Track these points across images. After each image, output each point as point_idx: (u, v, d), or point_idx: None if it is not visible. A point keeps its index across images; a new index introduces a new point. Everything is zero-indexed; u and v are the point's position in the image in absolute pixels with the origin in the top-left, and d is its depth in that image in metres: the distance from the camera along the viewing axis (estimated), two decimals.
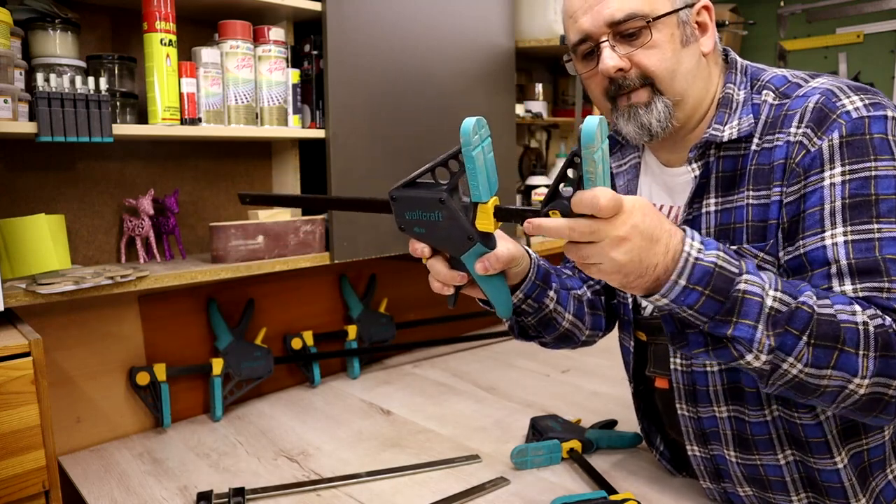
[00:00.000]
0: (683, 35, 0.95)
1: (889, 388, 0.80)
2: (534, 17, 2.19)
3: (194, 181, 1.61)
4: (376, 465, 1.31)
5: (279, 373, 1.75)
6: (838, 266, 0.85)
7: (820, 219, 0.87)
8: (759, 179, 0.93)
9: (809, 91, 0.92)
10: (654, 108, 0.95)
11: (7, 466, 1.00)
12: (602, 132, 0.70)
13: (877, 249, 0.84)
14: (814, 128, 0.88)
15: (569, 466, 1.28)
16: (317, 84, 1.60)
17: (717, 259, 0.77)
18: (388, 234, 1.73)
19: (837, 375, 0.79)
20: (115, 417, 1.49)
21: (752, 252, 0.93)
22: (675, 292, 0.77)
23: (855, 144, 0.86)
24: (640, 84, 0.95)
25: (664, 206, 1.07)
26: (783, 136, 0.91)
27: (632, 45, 0.94)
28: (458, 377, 1.84)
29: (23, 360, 1.01)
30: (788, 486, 0.99)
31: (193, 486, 1.24)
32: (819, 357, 0.78)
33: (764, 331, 0.77)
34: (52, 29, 1.27)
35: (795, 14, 3.23)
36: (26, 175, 1.36)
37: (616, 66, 0.94)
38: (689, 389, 1.03)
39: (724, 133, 0.95)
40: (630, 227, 0.72)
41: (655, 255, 0.75)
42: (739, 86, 0.99)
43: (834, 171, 0.87)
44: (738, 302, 0.77)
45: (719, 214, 0.97)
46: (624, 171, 1.16)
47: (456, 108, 1.87)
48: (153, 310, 1.54)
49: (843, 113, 0.87)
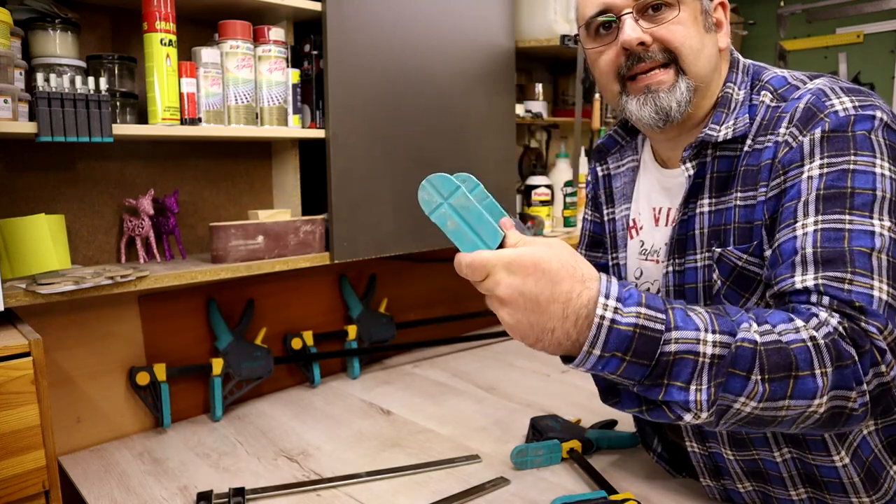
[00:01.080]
0: (706, 22, 0.95)
1: (847, 399, 0.75)
2: (534, 17, 2.19)
3: (194, 181, 1.61)
4: (376, 465, 1.31)
5: (279, 373, 1.75)
6: (803, 254, 0.82)
7: (794, 210, 0.86)
8: (747, 181, 0.93)
9: (803, 92, 0.91)
10: (676, 88, 0.93)
11: (7, 466, 1.00)
12: (436, 186, 0.72)
13: (845, 241, 0.81)
14: (799, 126, 0.88)
15: (569, 466, 1.28)
16: (317, 84, 1.60)
17: (637, 319, 0.69)
18: (388, 234, 1.73)
19: (796, 404, 0.73)
20: (115, 417, 1.49)
21: (736, 254, 0.92)
22: (590, 362, 0.70)
23: (835, 139, 0.85)
24: (662, 59, 0.92)
25: (662, 208, 1.07)
26: (773, 138, 0.91)
27: (654, 20, 0.91)
28: (458, 377, 1.84)
29: (23, 360, 1.01)
30: (786, 481, 0.99)
31: (193, 486, 1.24)
32: (775, 389, 0.72)
33: (701, 386, 0.71)
34: (52, 29, 1.27)
35: (795, 14, 3.23)
36: (26, 175, 1.36)
37: (639, 37, 0.91)
38: None
39: (720, 133, 0.95)
40: (507, 288, 0.68)
41: (549, 319, 0.68)
42: (740, 85, 0.98)
43: (812, 164, 0.86)
44: (667, 365, 0.70)
45: (712, 215, 0.97)
46: (622, 173, 1.16)
47: (456, 108, 1.87)
48: (153, 310, 1.54)
49: (831, 112, 0.87)
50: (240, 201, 1.68)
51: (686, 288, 1.01)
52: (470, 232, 0.73)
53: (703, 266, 0.98)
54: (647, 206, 1.10)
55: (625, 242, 1.13)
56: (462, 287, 2.20)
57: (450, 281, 2.18)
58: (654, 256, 1.08)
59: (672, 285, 1.02)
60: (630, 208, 1.13)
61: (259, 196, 1.72)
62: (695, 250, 0.99)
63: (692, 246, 0.99)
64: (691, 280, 1.00)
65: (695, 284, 1.00)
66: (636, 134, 1.16)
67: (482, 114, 1.95)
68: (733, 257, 0.93)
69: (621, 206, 1.14)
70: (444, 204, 0.73)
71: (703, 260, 0.98)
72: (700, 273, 0.99)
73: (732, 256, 0.93)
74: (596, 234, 1.26)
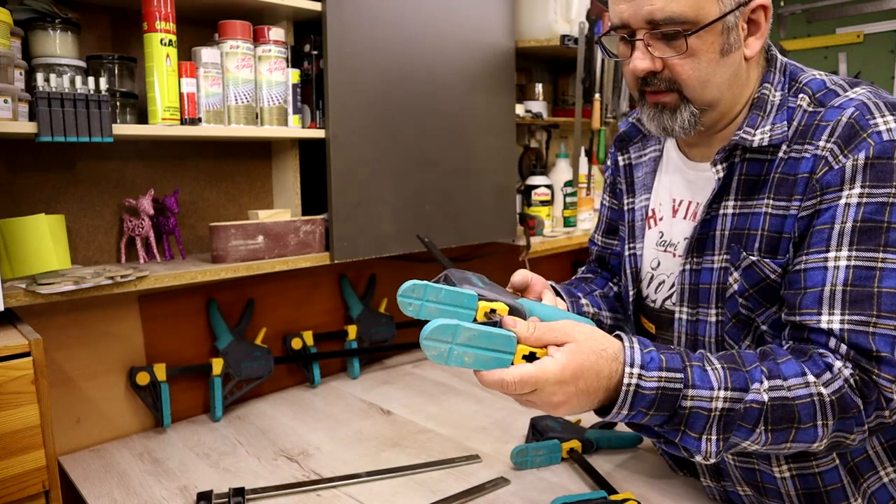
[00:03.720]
0: (726, 43, 0.90)
1: (847, 437, 0.84)
2: (534, 17, 2.18)
3: (194, 181, 1.61)
4: (376, 465, 1.31)
5: (279, 373, 1.75)
6: (832, 290, 0.84)
7: (827, 237, 0.86)
8: (782, 190, 0.91)
9: (845, 102, 0.89)
10: (679, 115, 0.93)
11: (7, 466, 1.00)
12: (438, 336, 0.74)
13: (875, 280, 0.83)
14: (841, 145, 0.86)
15: (569, 466, 1.28)
16: (317, 84, 1.60)
17: (659, 382, 0.78)
18: (388, 234, 1.73)
19: (797, 446, 0.83)
20: (115, 417, 1.49)
21: (771, 267, 0.91)
22: (619, 417, 0.80)
23: (879, 167, 0.84)
24: (666, 89, 0.93)
25: (683, 200, 1.06)
26: (811, 149, 0.88)
27: (668, 46, 0.90)
28: (458, 377, 1.84)
29: (23, 360, 1.01)
30: (784, 497, 1.00)
31: (193, 486, 1.24)
32: (777, 437, 0.82)
33: (711, 437, 0.81)
34: (52, 29, 1.27)
35: (795, 14, 3.23)
36: (26, 175, 1.36)
37: (646, 68, 0.91)
38: None
39: (756, 138, 0.93)
40: (563, 395, 0.75)
41: (593, 400, 0.78)
42: (777, 86, 0.96)
43: (852, 192, 0.84)
44: (684, 417, 0.80)
45: (736, 218, 0.96)
46: (643, 163, 1.14)
47: (456, 108, 1.87)
48: (153, 310, 1.54)
49: (875, 133, 0.85)
50: (240, 201, 1.68)
51: (700, 288, 1.00)
52: (487, 353, 0.76)
53: (719, 268, 0.97)
54: (668, 197, 1.08)
55: (643, 233, 1.12)
56: None
57: None
58: (672, 249, 1.07)
59: (688, 284, 1.01)
60: (650, 198, 1.12)
61: (259, 196, 1.72)
62: (713, 251, 0.98)
63: (711, 246, 0.99)
64: (706, 280, 0.99)
65: (709, 285, 0.99)
66: None
67: (482, 114, 1.95)
68: (767, 269, 0.92)
69: (641, 196, 1.13)
70: (453, 347, 0.75)
71: (720, 262, 0.97)
72: (716, 274, 0.98)
73: (767, 269, 0.92)
74: (612, 221, 1.26)
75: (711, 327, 0.99)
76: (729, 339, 0.97)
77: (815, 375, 0.83)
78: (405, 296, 0.78)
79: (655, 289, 1.10)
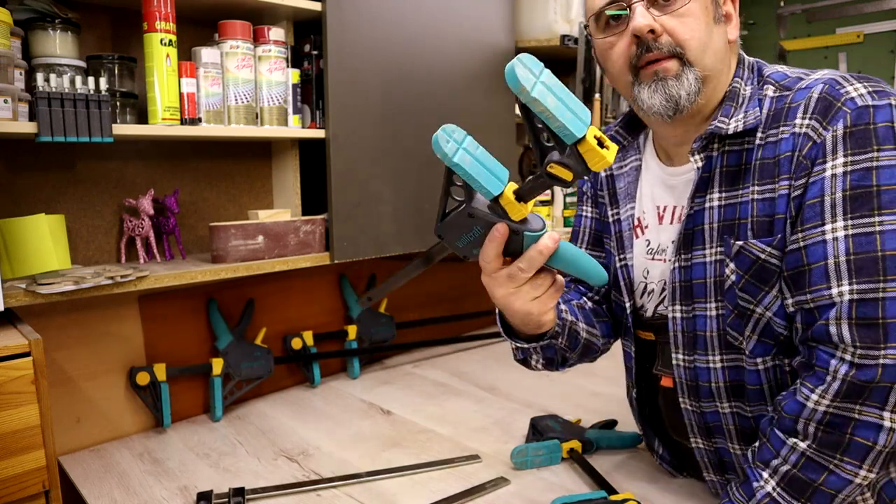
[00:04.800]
0: (716, 13, 0.95)
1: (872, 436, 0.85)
2: (534, 17, 2.18)
3: (194, 181, 1.61)
4: (376, 465, 1.31)
5: (279, 373, 1.75)
6: (836, 262, 0.85)
7: (820, 211, 0.86)
8: (765, 174, 0.92)
9: (811, 83, 0.91)
10: (684, 78, 0.93)
11: (7, 466, 1.00)
12: (528, 65, 0.66)
13: (878, 244, 0.83)
14: (819, 118, 0.88)
15: (569, 466, 1.28)
16: (317, 84, 1.60)
17: None
18: (388, 234, 1.73)
19: (841, 487, 0.87)
20: (115, 417, 1.49)
21: (759, 247, 0.92)
22: None
23: (858, 134, 0.85)
24: (668, 53, 0.93)
25: (667, 206, 1.06)
26: (788, 129, 0.90)
27: (665, 10, 0.92)
28: (458, 377, 1.84)
29: (23, 360, 1.01)
30: None
31: (193, 486, 1.24)
32: (818, 499, 0.88)
33: None
34: (52, 29, 1.27)
35: (795, 14, 3.23)
36: (26, 175, 1.36)
37: (649, 24, 0.91)
38: (691, 385, 1.03)
39: (730, 125, 0.94)
40: None
41: None
42: (747, 81, 0.98)
43: (836, 162, 0.86)
44: None
45: (723, 210, 0.96)
46: (625, 174, 1.15)
47: (456, 108, 1.87)
48: (153, 310, 1.54)
49: (848, 100, 0.86)
50: (240, 201, 1.68)
51: (694, 284, 1.00)
52: (566, 108, 0.68)
53: (713, 261, 0.98)
54: (651, 204, 1.09)
55: (631, 243, 1.12)
56: (462, 287, 2.21)
57: (450, 281, 2.18)
58: (661, 255, 1.07)
59: (679, 282, 1.02)
60: (634, 207, 1.12)
61: (259, 196, 1.72)
62: (703, 245, 0.99)
63: (700, 241, 0.99)
64: (699, 275, 0.99)
65: (703, 280, 0.99)
66: (638, 133, 1.15)
67: (482, 114, 1.95)
68: (756, 250, 0.92)
69: (626, 206, 1.14)
70: (538, 81, 0.68)
71: (713, 255, 0.98)
72: (710, 268, 0.98)
73: (755, 249, 0.92)
74: (598, 231, 1.25)
75: (712, 321, 0.99)
76: (732, 331, 0.97)
77: (814, 391, 0.86)
78: (447, 132, 0.73)
79: (647, 298, 1.10)
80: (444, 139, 0.73)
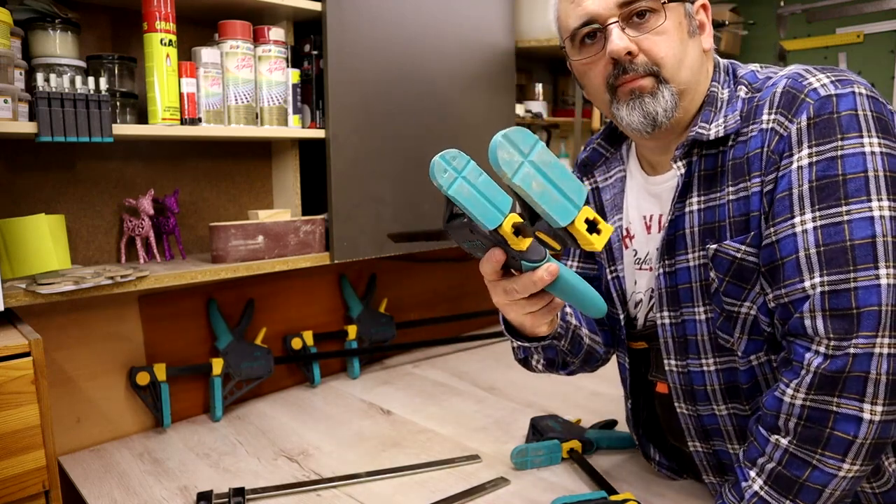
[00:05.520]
0: (690, 26, 0.95)
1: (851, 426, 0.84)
2: (534, 17, 2.18)
3: (194, 181, 1.61)
4: (376, 465, 1.31)
5: (279, 373, 1.75)
6: (807, 254, 0.85)
7: (789, 204, 0.87)
8: (737, 174, 0.93)
9: (777, 80, 0.92)
10: (660, 96, 0.94)
11: (7, 466, 1.00)
12: (516, 142, 0.62)
13: (846, 233, 0.83)
14: (784, 112, 0.88)
15: (569, 466, 1.28)
16: (317, 84, 1.60)
17: None
18: (388, 234, 1.73)
19: (825, 481, 0.86)
20: (115, 417, 1.49)
21: (734, 247, 0.92)
22: None
23: (821, 124, 0.85)
24: (643, 73, 0.93)
25: (653, 215, 1.07)
26: (756, 126, 0.91)
27: (640, 29, 0.92)
28: (458, 377, 1.84)
29: (23, 360, 1.01)
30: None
31: (193, 486, 1.24)
32: (805, 496, 0.87)
33: None
34: (52, 29, 1.27)
35: (795, 14, 3.23)
36: (26, 175, 1.36)
37: (626, 47, 0.91)
38: (686, 389, 1.03)
39: (711, 132, 0.95)
40: None
41: None
42: (723, 84, 0.99)
43: (802, 154, 0.86)
44: None
45: (703, 213, 0.97)
46: (610, 185, 1.15)
47: (456, 108, 1.87)
48: (153, 310, 1.54)
49: (811, 91, 0.87)
50: (240, 201, 1.68)
51: (680, 289, 1.00)
52: (555, 191, 0.63)
53: (696, 265, 0.98)
54: (637, 214, 1.10)
55: (621, 254, 1.13)
56: (462, 287, 2.21)
57: (450, 281, 2.18)
58: (648, 265, 1.08)
59: (664, 287, 1.02)
60: (622, 218, 1.13)
61: (259, 196, 1.72)
62: (686, 250, 0.99)
63: (682, 245, 0.99)
64: (684, 280, 1.00)
65: (688, 284, 0.99)
66: (620, 144, 1.15)
67: (482, 114, 1.95)
68: (731, 250, 0.93)
69: (614, 218, 1.14)
70: (525, 162, 0.64)
71: (696, 259, 0.98)
72: (694, 272, 0.98)
73: (730, 249, 0.93)
74: None
75: (702, 325, 0.99)
76: (722, 333, 0.97)
77: (789, 385, 0.86)
78: (445, 160, 0.68)
79: (637, 309, 1.11)
80: (440, 168, 0.68)
